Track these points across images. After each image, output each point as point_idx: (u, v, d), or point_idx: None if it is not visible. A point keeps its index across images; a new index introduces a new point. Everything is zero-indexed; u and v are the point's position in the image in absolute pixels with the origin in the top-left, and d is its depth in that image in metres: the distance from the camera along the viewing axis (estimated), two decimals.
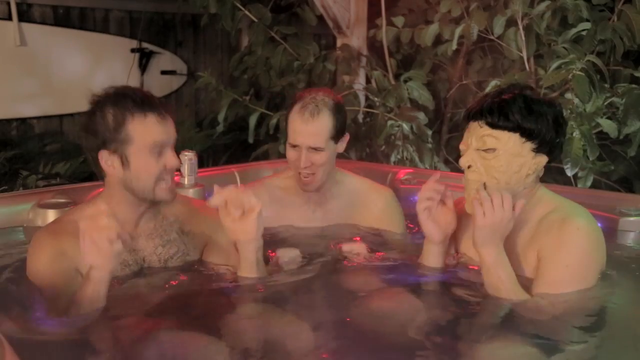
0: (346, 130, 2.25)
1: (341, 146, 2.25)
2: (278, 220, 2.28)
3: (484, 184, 1.72)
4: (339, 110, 2.20)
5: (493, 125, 1.70)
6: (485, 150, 1.71)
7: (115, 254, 1.57)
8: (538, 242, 1.74)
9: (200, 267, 1.94)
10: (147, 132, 1.72)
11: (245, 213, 1.76)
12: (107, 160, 1.75)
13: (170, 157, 1.76)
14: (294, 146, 2.17)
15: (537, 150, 1.72)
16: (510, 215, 1.68)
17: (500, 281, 1.69)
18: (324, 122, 2.15)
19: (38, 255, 1.77)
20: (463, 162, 1.75)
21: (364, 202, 2.33)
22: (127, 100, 1.72)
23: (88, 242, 1.56)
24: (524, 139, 1.70)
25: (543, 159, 1.74)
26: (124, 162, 1.74)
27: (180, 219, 1.96)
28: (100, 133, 1.72)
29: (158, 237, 1.90)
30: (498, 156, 1.70)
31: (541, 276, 1.71)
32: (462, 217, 1.91)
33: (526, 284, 1.73)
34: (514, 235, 1.75)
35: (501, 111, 1.70)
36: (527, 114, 1.69)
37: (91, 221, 1.56)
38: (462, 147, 1.78)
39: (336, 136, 2.19)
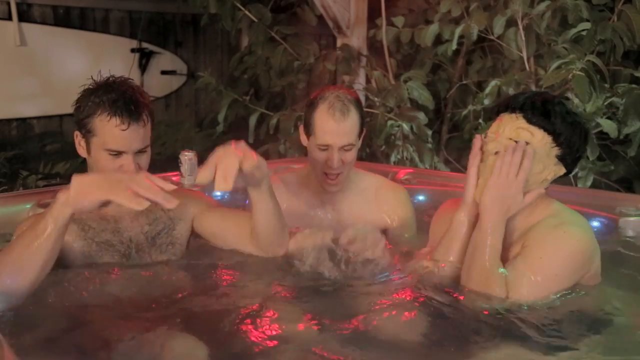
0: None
1: (360, 141, 2.23)
2: (291, 216, 2.24)
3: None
4: (360, 105, 2.19)
5: (531, 121, 1.72)
6: (516, 142, 1.72)
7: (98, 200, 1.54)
8: (526, 237, 1.76)
9: (192, 261, 1.97)
10: (105, 134, 1.79)
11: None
12: (79, 141, 1.87)
13: (126, 164, 1.80)
14: (324, 147, 2.12)
15: (560, 158, 1.75)
16: (517, 189, 1.70)
17: (485, 245, 1.70)
18: (354, 120, 2.12)
19: (27, 218, 1.88)
20: (492, 147, 1.75)
21: (376, 200, 2.31)
22: (108, 94, 1.78)
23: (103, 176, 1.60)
24: (553, 144, 1.72)
25: (561, 170, 1.76)
26: (88, 149, 1.85)
27: None
28: (77, 115, 1.84)
29: (144, 216, 1.95)
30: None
31: (516, 259, 1.73)
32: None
33: None
34: (508, 229, 1.76)
35: (544, 109, 1.72)
36: (567, 120, 1.72)
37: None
38: (490, 134, 1.78)
39: (360, 132, 2.18)
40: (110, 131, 1.77)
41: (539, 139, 1.71)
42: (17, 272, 1.56)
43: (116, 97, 1.78)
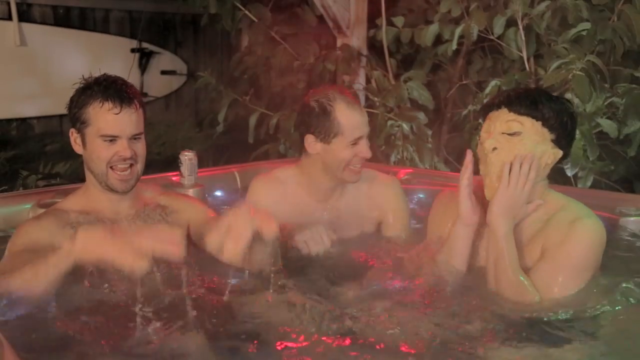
0: None
1: None
2: (286, 214, 2.23)
3: (511, 164, 1.76)
4: None
5: (519, 112, 1.77)
6: (510, 134, 1.77)
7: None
8: (544, 237, 1.79)
9: (190, 262, 1.96)
10: (100, 120, 1.83)
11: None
12: (75, 138, 1.90)
13: (121, 149, 1.84)
14: (356, 142, 2.14)
15: (555, 142, 1.79)
16: (524, 199, 1.76)
17: (504, 255, 1.75)
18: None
19: (20, 226, 1.89)
20: (489, 144, 1.78)
21: (370, 193, 2.33)
22: (99, 86, 1.83)
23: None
24: (545, 129, 1.77)
25: (559, 153, 1.81)
26: (83, 142, 1.88)
27: (163, 203, 2.04)
28: (71, 111, 1.88)
29: (141, 221, 1.96)
30: (523, 140, 1.76)
31: (541, 263, 1.76)
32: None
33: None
34: (521, 228, 1.81)
35: (528, 99, 1.77)
36: (552, 106, 1.78)
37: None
38: (483, 134, 1.82)
39: None
40: (104, 116, 1.82)
41: (529, 127, 1.76)
42: (23, 292, 1.60)
43: (107, 85, 1.84)
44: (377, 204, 2.33)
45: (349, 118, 2.12)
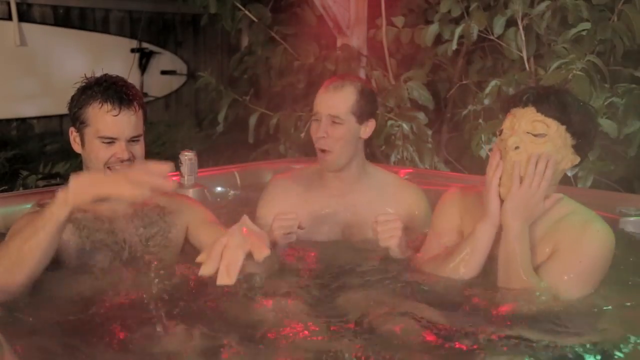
0: (374, 119, 2.28)
1: (365, 131, 2.25)
2: (304, 211, 2.23)
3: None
4: (366, 93, 2.22)
5: (546, 113, 1.74)
6: (535, 135, 1.74)
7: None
8: (555, 238, 1.78)
9: (184, 254, 1.99)
10: (98, 122, 1.84)
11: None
12: (74, 137, 1.92)
13: (119, 151, 1.84)
14: (316, 117, 2.21)
15: (576, 148, 1.77)
16: (540, 198, 1.74)
17: (515, 255, 1.74)
18: (346, 95, 2.18)
19: (22, 216, 1.91)
20: (512, 142, 1.75)
21: (394, 197, 2.32)
22: (99, 86, 1.85)
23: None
24: (568, 134, 1.75)
25: (577, 159, 1.79)
26: (82, 141, 1.90)
27: (162, 204, 2.04)
28: (71, 110, 1.90)
29: (139, 219, 1.97)
30: (547, 142, 1.74)
31: (551, 262, 1.75)
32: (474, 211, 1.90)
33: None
34: (532, 227, 1.78)
35: (558, 101, 1.74)
36: (579, 110, 1.76)
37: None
38: (506, 131, 1.78)
39: (359, 114, 2.20)
40: (103, 118, 1.83)
41: (554, 130, 1.74)
42: (14, 266, 1.60)
43: (107, 86, 1.85)
44: (399, 210, 2.29)
45: (318, 93, 2.22)
